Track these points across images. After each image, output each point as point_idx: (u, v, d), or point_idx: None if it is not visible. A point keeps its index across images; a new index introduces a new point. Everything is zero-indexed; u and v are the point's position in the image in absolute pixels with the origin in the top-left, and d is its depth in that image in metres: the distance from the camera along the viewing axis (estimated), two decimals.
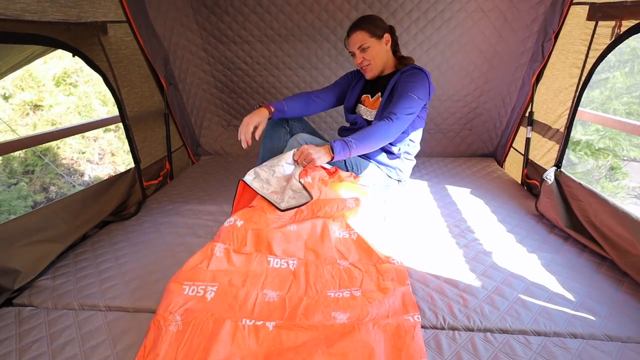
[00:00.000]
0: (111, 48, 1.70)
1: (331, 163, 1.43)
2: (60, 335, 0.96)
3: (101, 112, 4.76)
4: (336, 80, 1.77)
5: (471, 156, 2.46)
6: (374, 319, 0.94)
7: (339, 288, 1.07)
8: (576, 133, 5.01)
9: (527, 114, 1.94)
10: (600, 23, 1.43)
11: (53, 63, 4.46)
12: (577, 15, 1.58)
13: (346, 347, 0.85)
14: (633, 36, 1.24)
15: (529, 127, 1.92)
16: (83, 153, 4.69)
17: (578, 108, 1.54)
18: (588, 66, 1.49)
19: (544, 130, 1.83)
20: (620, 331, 0.93)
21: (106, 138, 4.99)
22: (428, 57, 2.19)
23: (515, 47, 2.04)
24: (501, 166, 2.30)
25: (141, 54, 1.91)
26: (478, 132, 2.44)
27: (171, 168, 2.19)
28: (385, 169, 1.64)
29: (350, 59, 2.22)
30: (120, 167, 4.98)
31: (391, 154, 1.62)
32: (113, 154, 4.98)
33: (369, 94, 1.66)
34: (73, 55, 1.48)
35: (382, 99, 1.54)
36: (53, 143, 4.31)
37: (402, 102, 1.43)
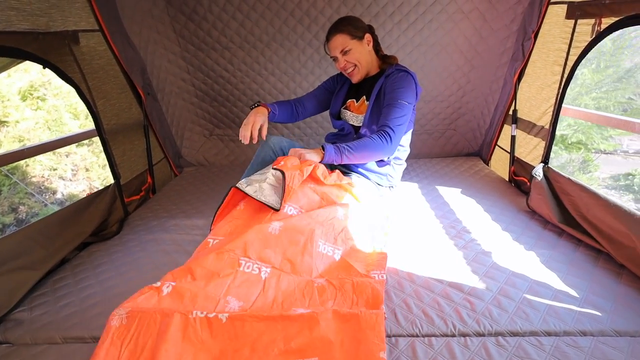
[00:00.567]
0: (84, 58, 1.61)
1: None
2: None
3: (73, 126, 4.55)
4: (319, 85, 1.73)
5: (457, 156, 2.48)
6: (335, 310, 0.90)
7: (307, 307, 0.98)
8: None
9: (511, 112, 1.97)
10: (579, 21, 1.46)
11: (18, 76, 4.23)
12: (556, 14, 1.62)
13: (304, 344, 0.82)
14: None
15: (514, 125, 1.95)
16: (54, 170, 4.45)
17: (562, 104, 1.57)
18: (570, 63, 1.52)
19: (529, 127, 1.86)
20: (627, 325, 0.93)
21: (79, 153, 4.77)
22: (411, 59, 2.20)
23: (495, 47, 2.07)
24: (487, 164, 2.33)
25: (116, 64, 1.82)
26: (463, 132, 2.47)
27: (153, 182, 2.09)
28: (375, 177, 1.57)
29: (333, 63, 2.20)
30: (95, 183, 4.76)
31: (381, 161, 1.56)
32: (87, 170, 4.76)
33: (354, 98, 1.61)
34: (43, 67, 1.39)
35: (369, 105, 1.49)
36: (21, 160, 4.07)
37: (394, 112, 1.39)
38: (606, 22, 1.30)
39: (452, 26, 2.06)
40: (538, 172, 1.59)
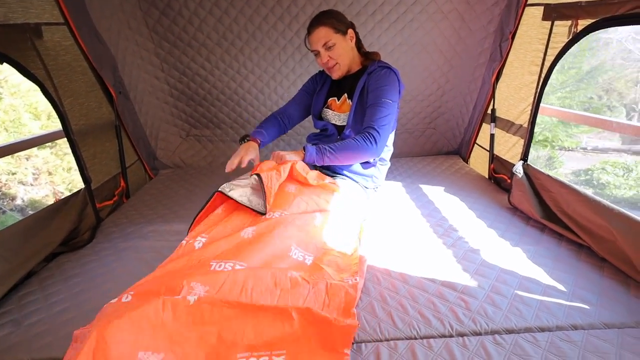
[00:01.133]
0: (48, 54, 1.49)
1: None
2: None
3: (33, 127, 4.25)
4: (299, 91, 1.66)
5: (437, 154, 2.52)
6: (308, 308, 0.87)
7: (277, 302, 0.89)
8: None
9: (490, 111, 2.01)
10: (556, 23, 1.51)
11: None
12: (533, 15, 1.67)
13: (275, 337, 0.80)
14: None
15: (493, 124, 2.00)
16: (13, 174, 4.15)
17: (540, 104, 1.61)
18: (547, 63, 1.57)
19: (507, 126, 1.91)
20: (614, 318, 0.96)
21: (41, 156, 4.47)
22: (392, 59, 2.19)
23: (473, 48, 2.12)
24: (466, 162, 2.38)
25: (84, 60, 1.70)
26: (442, 131, 2.51)
27: (127, 185, 1.97)
28: (361, 180, 1.53)
29: (315, 61, 2.16)
30: (60, 187, 4.48)
31: (366, 163, 1.53)
32: (50, 173, 4.47)
33: (336, 97, 1.56)
34: (1, 62, 1.26)
35: (353, 103, 1.46)
36: None
37: (378, 112, 1.36)
38: (582, 24, 1.35)
39: (432, 26, 2.08)
40: (518, 170, 1.63)
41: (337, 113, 1.54)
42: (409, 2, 2.00)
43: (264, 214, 1.13)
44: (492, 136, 2.01)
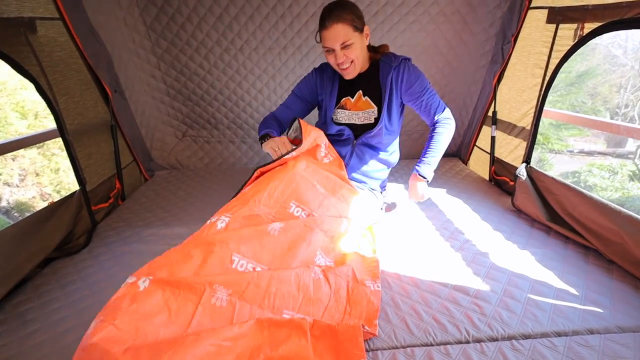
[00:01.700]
0: (43, 50, 1.42)
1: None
2: None
3: (20, 127, 4.12)
4: (290, 96, 1.53)
5: None
6: (315, 321, 0.87)
7: (298, 310, 0.91)
8: None
9: (491, 114, 2.02)
10: (561, 26, 1.51)
11: None
12: (536, 19, 1.67)
13: (291, 351, 0.79)
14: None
15: (494, 126, 2.00)
16: None
17: (544, 107, 1.62)
18: (551, 66, 1.57)
19: (509, 128, 1.91)
20: (629, 321, 0.95)
21: (27, 156, 4.32)
22: None
23: (475, 50, 2.12)
24: (466, 164, 2.38)
25: (80, 58, 1.64)
26: None
27: (122, 187, 1.91)
28: (374, 183, 1.55)
29: (316, 62, 2.14)
30: (47, 189, 4.34)
31: (389, 164, 1.59)
32: (38, 174, 4.33)
33: (349, 95, 1.47)
34: None
35: (384, 99, 1.39)
36: None
37: (432, 98, 1.43)
38: (589, 27, 1.35)
39: (434, 28, 2.08)
40: (522, 172, 1.63)
41: (355, 112, 1.45)
42: (412, 4, 1.99)
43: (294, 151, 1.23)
44: (493, 138, 2.01)
